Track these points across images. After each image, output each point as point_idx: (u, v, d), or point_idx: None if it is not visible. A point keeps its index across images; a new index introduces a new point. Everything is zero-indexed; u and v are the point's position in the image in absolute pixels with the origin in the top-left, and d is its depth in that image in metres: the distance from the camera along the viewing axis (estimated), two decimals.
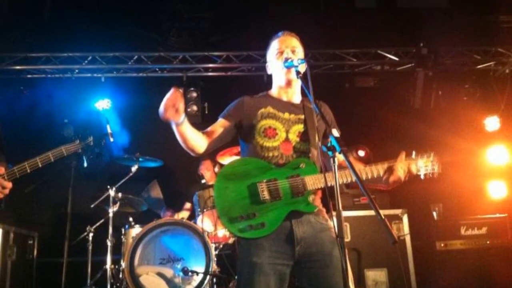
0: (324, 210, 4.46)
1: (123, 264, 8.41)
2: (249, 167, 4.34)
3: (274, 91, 4.76)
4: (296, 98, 4.70)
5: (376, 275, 8.84)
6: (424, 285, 9.10)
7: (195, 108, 11.36)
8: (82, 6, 11.18)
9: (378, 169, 4.35)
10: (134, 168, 9.37)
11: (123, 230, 9.04)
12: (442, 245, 9.27)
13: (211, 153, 5.69)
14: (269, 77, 4.91)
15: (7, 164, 5.36)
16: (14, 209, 9.77)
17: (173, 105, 4.06)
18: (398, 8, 12.36)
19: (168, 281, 8.37)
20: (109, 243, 8.80)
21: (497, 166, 11.34)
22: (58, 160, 5.74)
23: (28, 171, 5.43)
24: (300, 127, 4.50)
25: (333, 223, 4.05)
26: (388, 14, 12.05)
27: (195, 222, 8.96)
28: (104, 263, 8.76)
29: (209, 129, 4.60)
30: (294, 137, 4.46)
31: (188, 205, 10.37)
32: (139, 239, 8.43)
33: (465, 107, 11.53)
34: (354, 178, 3.69)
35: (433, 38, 10.99)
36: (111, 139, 7.24)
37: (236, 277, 6.99)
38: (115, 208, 8.96)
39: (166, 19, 11.62)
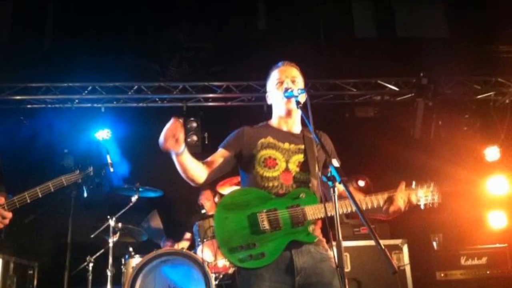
0: (324, 240, 4.45)
1: None
2: (249, 197, 4.34)
3: (274, 121, 4.77)
4: (296, 128, 4.71)
5: None
6: None
7: (195, 138, 11.34)
8: (82, 36, 11.24)
9: (378, 199, 4.35)
10: (134, 198, 9.35)
11: (123, 260, 9.02)
12: (442, 275, 9.24)
13: (211, 183, 5.68)
14: (269, 107, 4.93)
15: (7, 194, 5.37)
16: (14, 239, 9.75)
17: (173, 135, 4.07)
18: (398, 38, 12.43)
19: None
20: (109, 273, 8.75)
21: (497, 196, 11.30)
22: (58, 190, 5.75)
23: (28, 201, 5.44)
24: (300, 157, 4.50)
25: (333, 253, 4.02)
26: (388, 44, 12.12)
27: (195, 252, 8.92)
28: None
29: (209, 159, 4.61)
30: (294, 167, 4.46)
31: (188, 235, 10.33)
32: (139, 269, 8.40)
33: (465, 137, 11.51)
34: (354, 208, 3.68)
35: (433, 68, 11.02)
36: (111, 169, 7.24)
37: None
38: (115, 238, 8.92)
39: (166, 49, 11.67)
